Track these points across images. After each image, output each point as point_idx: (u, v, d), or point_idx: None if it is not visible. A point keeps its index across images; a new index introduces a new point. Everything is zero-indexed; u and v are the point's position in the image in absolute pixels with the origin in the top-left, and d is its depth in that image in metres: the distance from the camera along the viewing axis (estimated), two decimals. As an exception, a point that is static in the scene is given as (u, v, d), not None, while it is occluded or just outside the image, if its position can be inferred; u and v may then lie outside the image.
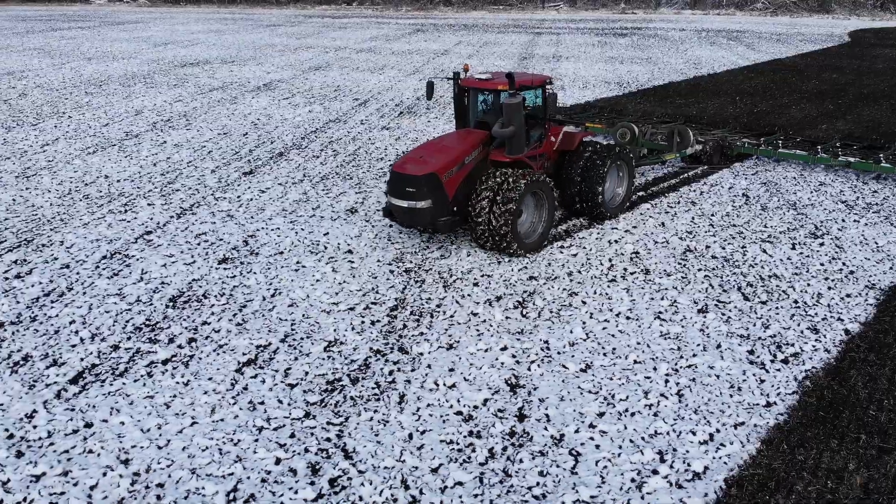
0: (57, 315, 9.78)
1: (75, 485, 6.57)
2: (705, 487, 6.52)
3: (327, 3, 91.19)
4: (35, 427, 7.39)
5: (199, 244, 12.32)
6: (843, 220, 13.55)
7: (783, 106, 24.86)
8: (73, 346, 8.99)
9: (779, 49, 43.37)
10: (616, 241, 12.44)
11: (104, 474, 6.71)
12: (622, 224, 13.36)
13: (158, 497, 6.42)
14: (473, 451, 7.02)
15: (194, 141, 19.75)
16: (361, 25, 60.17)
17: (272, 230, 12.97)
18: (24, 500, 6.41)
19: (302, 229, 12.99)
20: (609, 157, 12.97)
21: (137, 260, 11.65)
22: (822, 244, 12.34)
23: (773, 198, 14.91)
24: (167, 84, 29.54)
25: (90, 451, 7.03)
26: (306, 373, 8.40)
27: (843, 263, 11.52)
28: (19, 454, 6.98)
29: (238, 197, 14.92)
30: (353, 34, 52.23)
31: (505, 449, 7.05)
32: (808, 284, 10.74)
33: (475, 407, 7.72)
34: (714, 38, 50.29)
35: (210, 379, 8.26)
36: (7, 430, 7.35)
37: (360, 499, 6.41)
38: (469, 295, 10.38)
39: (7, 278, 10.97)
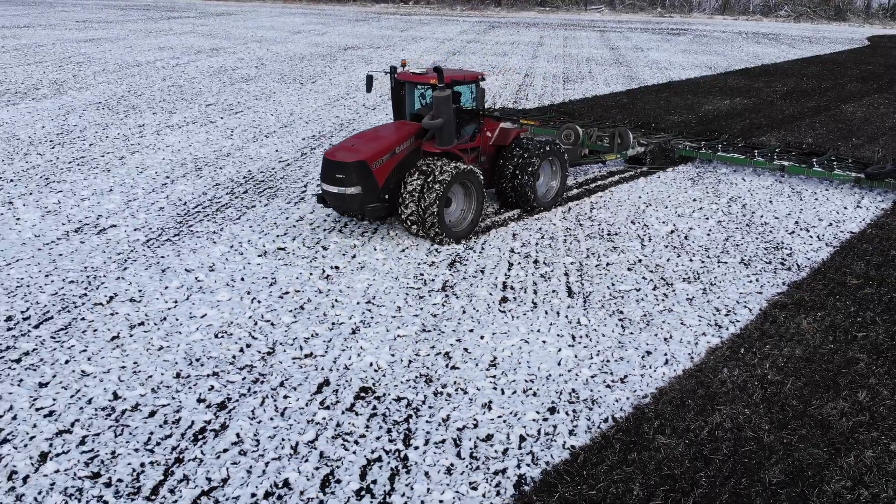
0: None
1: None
2: (858, 225, 15.36)
3: (385, 2, 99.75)
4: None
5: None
6: None
7: (840, 85, 33.82)
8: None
9: (814, 48, 52.42)
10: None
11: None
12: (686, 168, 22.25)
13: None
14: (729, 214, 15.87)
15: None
16: (437, 22, 67.86)
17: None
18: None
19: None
20: (541, 153, 13.53)
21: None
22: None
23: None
24: (358, 61, 37.99)
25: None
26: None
27: None
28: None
29: (527, 122, 23.60)
30: (440, 28, 59.79)
31: (743, 216, 15.85)
32: None
33: (724, 211, 16.53)
34: (755, 38, 59.32)
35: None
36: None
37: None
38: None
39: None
